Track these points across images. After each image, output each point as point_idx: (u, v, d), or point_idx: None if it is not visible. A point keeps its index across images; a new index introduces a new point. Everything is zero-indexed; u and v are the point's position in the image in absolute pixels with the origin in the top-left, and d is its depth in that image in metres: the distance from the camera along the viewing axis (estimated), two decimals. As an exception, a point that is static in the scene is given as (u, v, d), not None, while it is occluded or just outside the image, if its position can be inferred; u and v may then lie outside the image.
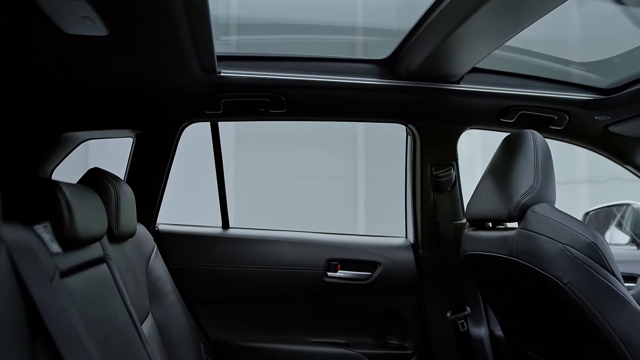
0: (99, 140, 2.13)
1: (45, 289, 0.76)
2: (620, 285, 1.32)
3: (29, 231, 0.81)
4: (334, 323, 2.01)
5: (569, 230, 1.34)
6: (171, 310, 1.62)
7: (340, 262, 1.99)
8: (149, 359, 1.14)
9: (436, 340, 1.98)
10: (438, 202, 1.98)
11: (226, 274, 1.96)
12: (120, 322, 1.07)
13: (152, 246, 1.70)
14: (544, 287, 1.34)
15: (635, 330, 1.28)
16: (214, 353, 1.91)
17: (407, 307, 2.01)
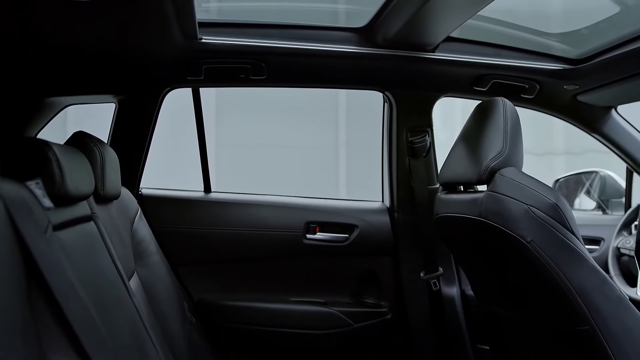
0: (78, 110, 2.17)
1: (40, 240, 0.81)
2: (579, 243, 1.42)
3: (23, 187, 0.86)
4: (312, 283, 2.09)
5: (534, 192, 1.42)
6: (156, 270, 1.68)
7: (319, 225, 2.06)
8: (136, 311, 1.21)
9: (410, 299, 2.07)
10: (413, 167, 2.05)
11: (208, 236, 2.03)
12: (109, 276, 1.13)
13: (136, 209, 1.75)
14: (509, 245, 1.43)
15: (590, 283, 1.38)
16: (198, 312, 1.99)
17: (383, 267, 2.10)
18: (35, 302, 0.78)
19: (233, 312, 2.02)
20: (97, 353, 0.82)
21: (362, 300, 2.11)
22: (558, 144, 6.59)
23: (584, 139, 2.19)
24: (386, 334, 2.08)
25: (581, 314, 1.38)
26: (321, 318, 2.03)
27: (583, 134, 2.18)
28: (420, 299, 2.06)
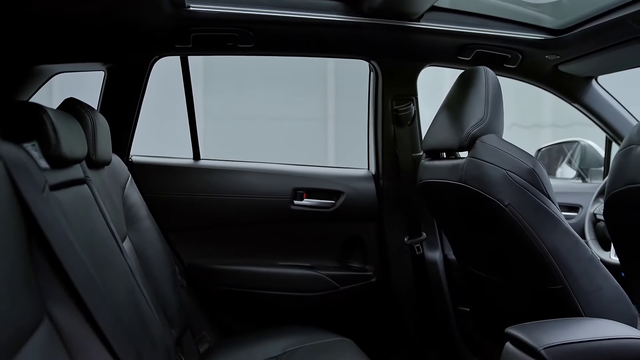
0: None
1: (38, 198, 0.85)
2: (553, 207, 1.48)
3: (20, 148, 0.90)
4: (299, 247, 2.15)
5: (512, 158, 1.48)
6: (147, 234, 1.72)
7: (306, 191, 2.11)
8: (130, 272, 1.25)
9: (394, 263, 2.14)
10: (398, 135, 2.10)
11: (198, 202, 2.07)
12: (103, 236, 1.17)
13: (127, 175, 1.78)
14: (488, 209, 1.49)
15: (564, 245, 1.45)
16: (188, 276, 2.04)
17: (368, 232, 2.16)
18: (36, 257, 0.83)
19: (223, 276, 2.07)
20: (96, 306, 0.87)
21: (347, 264, 2.18)
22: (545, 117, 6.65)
23: (570, 111, 2.23)
24: (371, 296, 2.16)
25: (554, 274, 1.45)
26: (308, 281, 2.10)
27: (569, 107, 2.22)
28: (404, 263, 2.13)
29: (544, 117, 6.65)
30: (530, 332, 1.28)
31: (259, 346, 1.79)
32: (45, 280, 0.83)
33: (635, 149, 0.98)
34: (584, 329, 1.30)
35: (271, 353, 1.73)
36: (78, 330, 0.84)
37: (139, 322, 1.14)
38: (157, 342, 1.22)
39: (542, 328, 1.30)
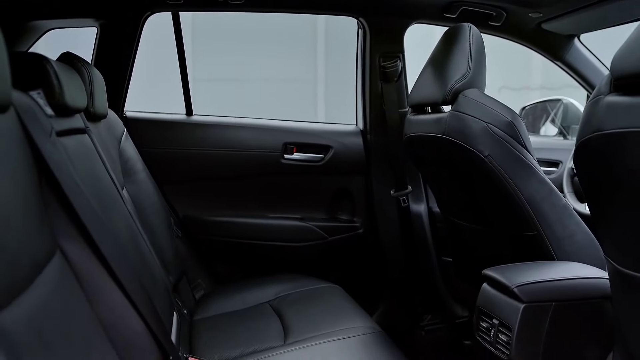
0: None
1: (46, 141, 0.91)
2: (530, 158, 1.56)
3: (27, 96, 0.95)
4: (290, 200, 2.23)
5: (492, 111, 1.55)
6: (143, 186, 1.79)
7: (296, 146, 2.18)
8: (130, 217, 1.33)
9: (381, 215, 2.23)
10: (385, 91, 2.15)
11: (192, 156, 2.13)
12: (105, 183, 1.24)
13: (122, 129, 1.83)
14: (469, 160, 1.57)
15: (539, 194, 1.53)
16: (183, 227, 2.12)
17: (356, 185, 2.24)
18: (46, 197, 0.89)
19: (216, 227, 2.15)
20: (103, 242, 0.94)
21: (336, 216, 2.26)
22: (535, 79, 6.70)
23: (560, 74, 2.28)
24: (358, 246, 2.25)
25: (530, 220, 1.54)
26: (298, 231, 2.18)
27: (559, 70, 2.28)
28: (390, 215, 2.21)
29: (534, 79, 6.70)
30: (505, 273, 1.38)
31: (252, 292, 1.88)
32: (56, 217, 0.89)
33: (602, 99, 1.04)
34: (554, 270, 1.40)
35: (264, 298, 1.83)
36: (87, 263, 0.92)
37: (141, 262, 1.22)
38: (158, 282, 1.30)
39: (516, 269, 1.40)
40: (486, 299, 1.43)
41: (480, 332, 1.44)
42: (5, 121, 0.80)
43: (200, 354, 1.41)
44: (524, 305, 1.29)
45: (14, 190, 0.76)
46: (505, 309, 1.34)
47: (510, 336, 1.31)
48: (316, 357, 1.36)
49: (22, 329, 0.64)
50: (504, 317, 1.34)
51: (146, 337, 0.97)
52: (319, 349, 1.39)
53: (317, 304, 1.71)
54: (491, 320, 1.40)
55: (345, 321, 1.55)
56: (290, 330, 1.54)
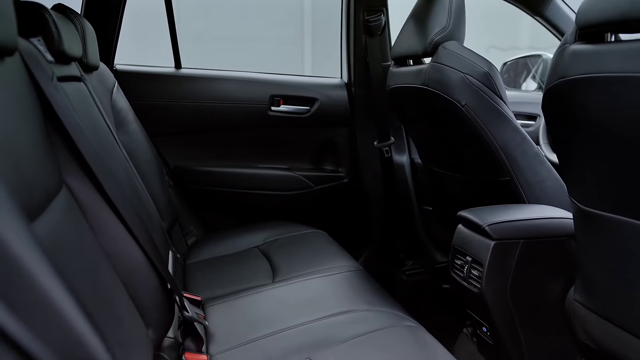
0: None
1: (49, 85, 0.97)
2: (505, 107, 1.64)
3: (29, 42, 1.01)
4: (277, 151, 2.30)
5: (470, 62, 1.62)
6: (135, 136, 1.84)
7: (283, 98, 2.24)
8: (126, 161, 1.40)
9: (364, 165, 2.31)
10: (369, 45, 2.21)
11: (181, 108, 2.18)
12: (102, 128, 1.31)
13: (113, 81, 1.88)
14: (447, 109, 1.65)
15: (512, 141, 1.62)
16: (174, 177, 2.19)
17: (341, 137, 2.31)
18: (51, 136, 0.96)
19: (206, 177, 2.23)
20: (104, 179, 1.02)
21: (321, 166, 2.35)
22: (522, 40, 6.71)
23: (547, 35, 2.32)
24: (343, 195, 2.34)
25: (504, 167, 1.64)
26: (285, 181, 2.27)
27: (547, 31, 2.32)
28: (374, 165, 2.30)
29: (522, 40, 6.71)
30: (478, 214, 1.49)
31: (241, 238, 1.98)
32: (61, 155, 0.97)
33: (568, 47, 1.12)
34: (523, 212, 1.51)
35: (253, 243, 1.92)
36: (90, 198, 1.00)
37: (138, 201, 1.30)
38: (155, 221, 1.39)
39: (488, 211, 1.51)
40: (460, 238, 1.54)
41: (455, 269, 1.56)
42: (12, 64, 0.86)
43: (193, 292, 1.50)
44: (494, 242, 1.40)
45: (24, 127, 0.82)
46: (477, 246, 1.45)
47: (482, 271, 1.42)
48: (302, 291, 1.46)
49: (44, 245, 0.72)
50: (476, 253, 1.45)
51: (146, 266, 1.05)
52: (305, 285, 1.50)
53: (304, 247, 1.81)
54: (465, 258, 1.51)
55: (329, 261, 1.65)
56: (278, 270, 1.64)
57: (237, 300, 1.46)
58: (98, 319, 0.62)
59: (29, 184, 0.76)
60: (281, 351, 1.16)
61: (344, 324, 1.24)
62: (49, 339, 0.49)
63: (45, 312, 0.50)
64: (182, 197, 2.18)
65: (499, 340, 1.50)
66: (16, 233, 0.47)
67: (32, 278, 0.49)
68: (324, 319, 1.27)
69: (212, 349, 1.21)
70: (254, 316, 1.35)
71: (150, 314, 1.03)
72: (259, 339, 1.23)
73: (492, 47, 6.29)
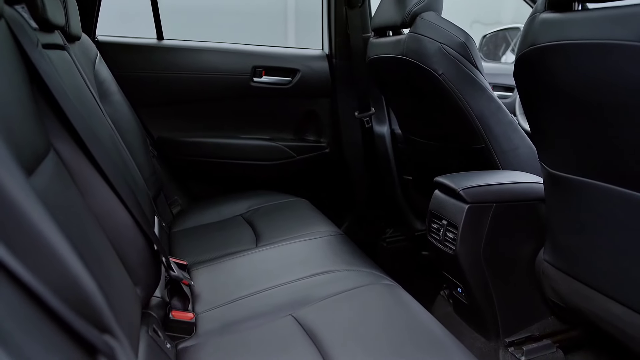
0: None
1: (34, 51, 1.00)
2: (481, 76, 1.69)
3: (13, 9, 1.03)
4: (260, 121, 2.33)
5: (447, 32, 1.66)
6: (119, 107, 1.86)
7: (265, 69, 2.27)
8: (111, 129, 1.43)
9: (346, 135, 2.36)
10: (350, 16, 2.23)
11: (164, 80, 2.20)
12: (87, 96, 1.33)
13: (96, 52, 1.89)
14: (425, 79, 1.69)
15: (487, 109, 1.68)
16: (158, 148, 2.22)
17: (322, 108, 2.35)
18: (39, 102, 0.99)
19: (190, 147, 2.26)
20: (90, 143, 1.05)
21: (303, 137, 2.39)
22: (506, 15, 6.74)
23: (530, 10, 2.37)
24: (325, 165, 2.39)
25: (479, 134, 1.69)
26: (268, 151, 2.31)
27: (529, 7, 2.35)
28: (354, 135, 2.35)
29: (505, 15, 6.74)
30: (453, 179, 1.55)
31: (225, 206, 2.02)
32: (47, 119, 1.00)
33: (538, 16, 1.17)
34: (496, 177, 1.57)
35: (237, 211, 1.97)
36: (77, 161, 1.03)
37: (124, 166, 1.33)
38: (140, 186, 1.42)
39: (463, 176, 1.57)
40: (437, 202, 1.60)
41: (432, 232, 1.62)
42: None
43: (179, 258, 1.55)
44: (468, 205, 1.46)
45: (11, 90, 0.85)
46: (452, 210, 1.51)
47: (456, 233, 1.49)
48: (284, 254, 1.52)
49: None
50: (451, 217, 1.52)
51: (133, 227, 1.09)
52: (287, 248, 1.56)
53: (286, 214, 1.86)
54: (441, 222, 1.57)
55: (311, 227, 1.71)
56: (261, 236, 1.69)
57: (221, 263, 1.51)
58: (89, 272, 0.67)
59: (19, 145, 0.79)
60: (264, 309, 1.22)
61: (324, 283, 1.30)
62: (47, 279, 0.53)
63: (43, 254, 0.54)
64: (166, 167, 2.21)
65: (473, 299, 1.58)
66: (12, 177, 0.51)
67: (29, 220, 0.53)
68: (305, 279, 1.33)
69: (198, 308, 1.27)
70: (237, 277, 1.40)
71: (138, 273, 1.08)
72: (243, 298, 1.28)
73: (476, 22, 6.31)
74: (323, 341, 1.05)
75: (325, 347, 1.03)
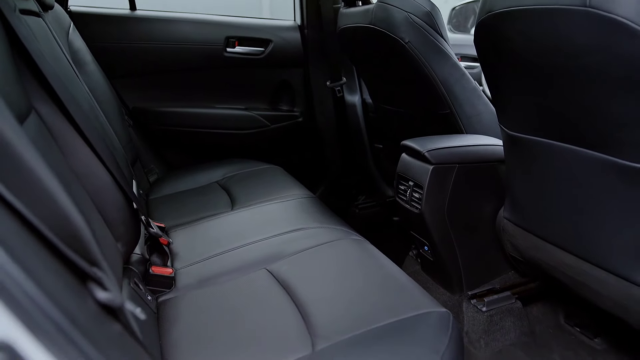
0: None
1: (13, 15, 1.03)
2: (446, 45, 1.76)
3: (-11, -25, 1.06)
4: (234, 91, 2.37)
5: (413, 1, 1.72)
6: (93, 77, 1.88)
7: (238, 40, 2.30)
8: (87, 94, 1.47)
9: (318, 105, 2.42)
10: None
11: (137, 50, 2.22)
12: (64, 62, 1.37)
13: (69, 22, 1.90)
14: (392, 47, 1.75)
15: (452, 76, 1.75)
16: (133, 118, 2.25)
17: (295, 78, 2.40)
18: (19, 65, 1.03)
19: (165, 117, 2.29)
20: (71, 106, 1.10)
21: (277, 107, 2.44)
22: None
23: None
24: (298, 134, 2.45)
25: (444, 100, 1.77)
26: (243, 120, 2.36)
27: None
28: (327, 105, 2.40)
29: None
30: (419, 142, 1.63)
31: (201, 174, 2.07)
32: (28, 82, 1.04)
33: None
34: (460, 140, 1.65)
35: (213, 178, 2.02)
36: (57, 122, 1.08)
37: (102, 130, 1.38)
38: (118, 150, 1.47)
39: (429, 139, 1.65)
40: (404, 165, 1.68)
41: (399, 193, 1.71)
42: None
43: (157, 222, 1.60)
44: (432, 166, 1.54)
45: None
46: (418, 171, 1.60)
47: (422, 193, 1.57)
48: (258, 215, 1.59)
49: None
50: (417, 178, 1.60)
51: (113, 186, 1.15)
52: (261, 210, 1.63)
53: (261, 180, 1.93)
54: (407, 183, 1.65)
55: (285, 191, 1.78)
56: (236, 200, 1.75)
57: (198, 225, 1.57)
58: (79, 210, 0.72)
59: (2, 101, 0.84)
60: (239, 264, 1.29)
61: (296, 239, 1.37)
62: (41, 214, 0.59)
63: (35, 191, 0.60)
64: (142, 137, 2.24)
65: (438, 257, 1.67)
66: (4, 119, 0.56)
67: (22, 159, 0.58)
68: (278, 236, 1.40)
69: (176, 265, 1.33)
70: (214, 237, 1.46)
71: (119, 229, 1.13)
72: (219, 255, 1.35)
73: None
74: (296, 290, 1.13)
75: (298, 295, 1.11)
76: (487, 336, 1.61)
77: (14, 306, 0.46)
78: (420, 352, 0.87)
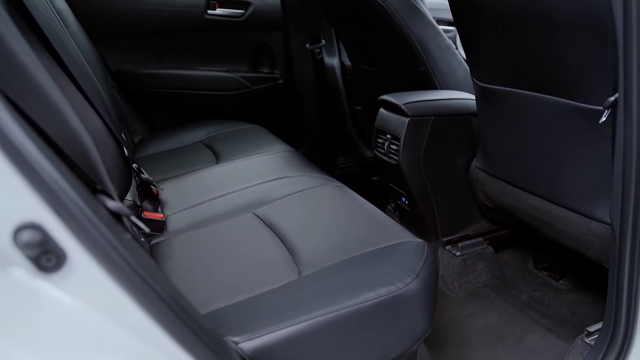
0: None
1: None
2: (421, 4, 1.83)
3: None
4: (215, 54, 2.40)
5: None
6: (77, 38, 1.90)
7: (218, 2, 2.33)
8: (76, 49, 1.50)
9: (298, 67, 2.46)
10: None
11: (119, 13, 2.22)
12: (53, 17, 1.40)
13: None
14: (369, 6, 1.81)
15: (427, 34, 1.82)
16: (117, 80, 2.28)
17: (275, 40, 2.44)
18: (13, 15, 1.07)
19: (148, 79, 2.31)
20: (64, 54, 1.14)
21: (258, 69, 2.48)
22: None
23: None
24: (279, 95, 2.50)
25: (420, 58, 1.84)
26: (224, 82, 2.40)
27: None
28: (306, 67, 2.45)
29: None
30: (396, 96, 1.70)
31: (185, 134, 2.13)
32: (23, 32, 1.08)
33: None
34: (435, 94, 1.73)
35: (196, 138, 2.08)
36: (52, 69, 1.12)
37: (92, 82, 1.42)
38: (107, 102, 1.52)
39: (405, 94, 1.72)
40: (382, 119, 1.76)
41: (378, 147, 1.79)
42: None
43: (144, 178, 1.66)
44: (409, 119, 1.62)
45: None
46: (395, 124, 1.67)
47: (399, 145, 1.65)
48: (243, 167, 1.66)
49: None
50: (394, 130, 1.68)
51: (105, 133, 1.20)
52: (245, 162, 1.70)
53: (244, 138, 1.99)
54: (385, 136, 1.73)
55: (267, 147, 1.84)
56: (221, 156, 1.81)
57: (185, 177, 1.64)
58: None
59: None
60: (227, 209, 1.36)
61: (281, 186, 1.45)
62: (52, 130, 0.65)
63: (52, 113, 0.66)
64: (125, 99, 2.27)
65: (415, 206, 1.77)
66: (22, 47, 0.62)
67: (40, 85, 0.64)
68: (263, 184, 1.48)
69: (167, 212, 1.40)
70: (201, 187, 1.53)
71: (112, 174, 1.19)
72: (207, 202, 1.42)
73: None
74: (281, 229, 1.21)
75: (283, 232, 1.19)
76: (461, 279, 1.71)
77: (43, 190, 0.52)
78: (397, 270, 0.96)
